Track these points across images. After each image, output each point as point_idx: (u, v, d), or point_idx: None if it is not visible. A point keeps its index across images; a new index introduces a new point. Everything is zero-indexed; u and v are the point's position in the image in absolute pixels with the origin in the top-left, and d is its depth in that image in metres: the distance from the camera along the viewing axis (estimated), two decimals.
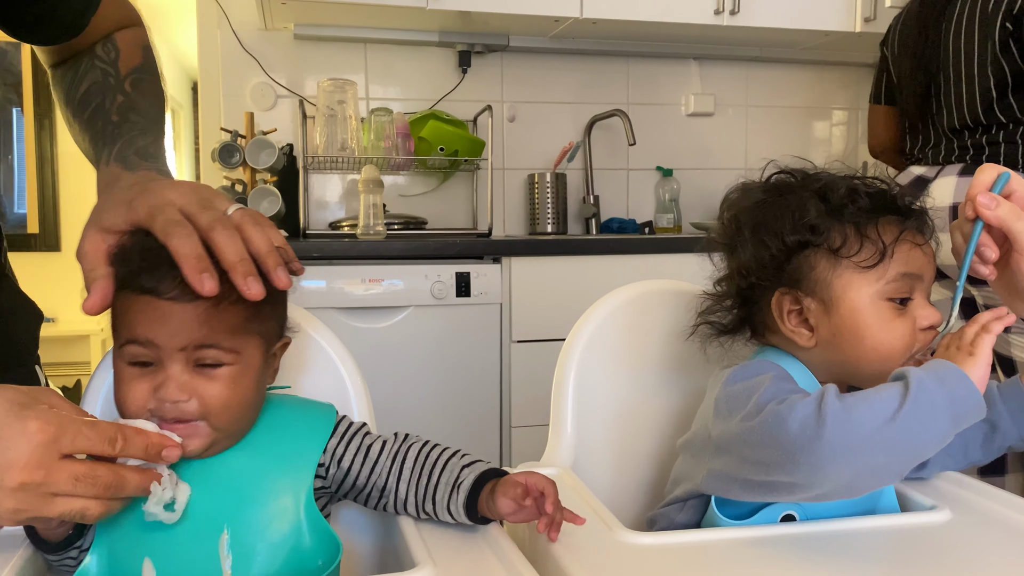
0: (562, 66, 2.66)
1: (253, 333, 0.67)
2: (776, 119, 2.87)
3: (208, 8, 2.41)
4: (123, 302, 0.64)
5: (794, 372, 0.76)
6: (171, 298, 0.62)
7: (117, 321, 0.65)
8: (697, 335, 0.86)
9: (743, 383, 0.73)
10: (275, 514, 0.67)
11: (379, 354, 1.92)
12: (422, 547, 0.66)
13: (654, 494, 0.95)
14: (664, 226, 2.68)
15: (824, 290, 0.75)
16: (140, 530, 0.64)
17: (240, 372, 0.66)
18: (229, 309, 0.64)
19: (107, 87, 0.83)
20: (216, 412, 0.64)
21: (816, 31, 2.47)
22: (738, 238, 0.80)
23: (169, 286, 0.62)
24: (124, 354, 0.64)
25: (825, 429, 0.61)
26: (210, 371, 0.64)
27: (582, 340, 0.95)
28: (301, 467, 0.70)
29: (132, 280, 0.64)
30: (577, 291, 1.98)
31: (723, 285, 0.84)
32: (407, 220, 2.36)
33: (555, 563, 0.65)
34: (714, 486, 0.75)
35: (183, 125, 5.29)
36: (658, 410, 0.97)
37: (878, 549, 0.67)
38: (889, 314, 0.74)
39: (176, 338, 0.62)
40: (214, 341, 0.64)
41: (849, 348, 0.75)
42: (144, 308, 0.63)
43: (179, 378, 0.63)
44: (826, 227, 0.75)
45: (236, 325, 0.65)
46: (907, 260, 0.74)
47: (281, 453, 0.70)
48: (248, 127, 2.25)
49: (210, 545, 0.65)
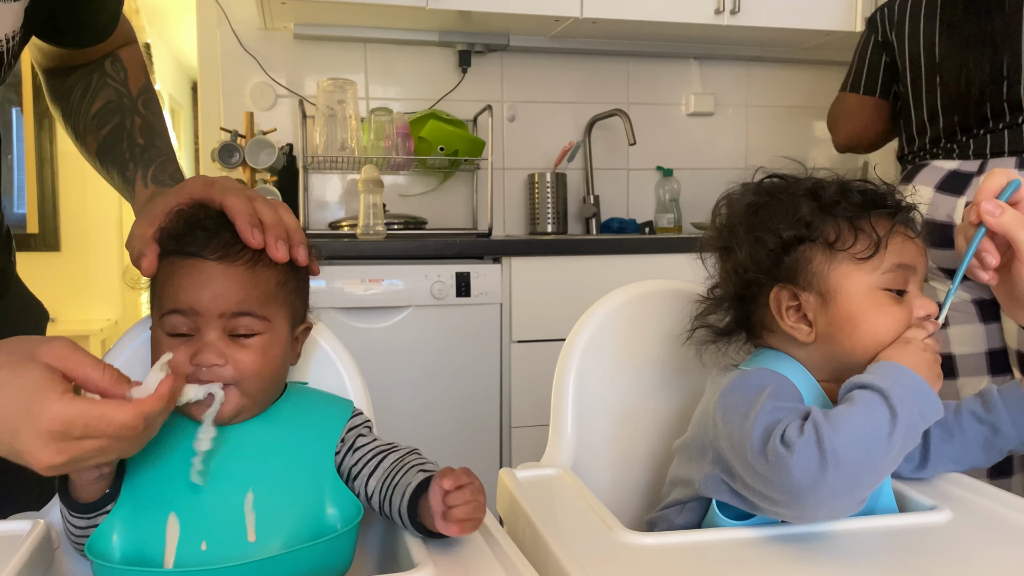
0: (562, 66, 2.66)
1: (282, 303, 0.73)
2: (776, 119, 2.87)
3: (208, 8, 2.41)
4: (168, 268, 0.71)
5: (792, 374, 0.77)
6: (215, 259, 0.69)
7: (160, 290, 0.71)
8: (693, 340, 0.87)
9: (741, 395, 0.73)
10: (298, 478, 0.71)
11: (379, 354, 1.92)
12: (422, 547, 0.66)
13: (654, 495, 0.95)
14: (664, 226, 2.68)
15: (821, 283, 0.76)
16: (167, 485, 0.68)
17: (270, 341, 0.72)
18: (264, 273, 0.71)
19: (123, 108, 0.88)
20: (248, 377, 0.70)
21: (816, 31, 2.47)
22: (733, 239, 0.81)
23: (213, 248, 0.69)
24: (164, 324, 0.70)
25: (827, 473, 0.63)
26: (243, 340, 0.70)
27: (582, 340, 0.95)
28: (323, 440, 0.74)
29: (177, 245, 0.70)
30: (577, 291, 1.98)
31: (718, 290, 0.85)
32: (407, 220, 2.36)
33: (555, 563, 0.64)
34: (711, 490, 0.75)
35: (183, 125, 5.29)
36: (658, 410, 0.97)
37: (878, 549, 0.67)
38: (886, 301, 0.75)
39: (217, 301, 0.68)
40: (249, 308, 0.70)
41: (847, 339, 0.75)
42: (189, 271, 0.69)
43: (216, 344, 0.69)
44: (820, 222, 0.76)
45: (268, 292, 0.72)
46: (901, 251, 0.76)
47: (304, 427, 0.75)
48: (248, 127, 2.25)
49: (235, 503, 0.69)
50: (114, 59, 0.90)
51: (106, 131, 0.86)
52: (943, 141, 1.59)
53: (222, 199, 0.72)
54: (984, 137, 1.52)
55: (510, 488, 0.79)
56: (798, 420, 0.67)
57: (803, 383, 0.77)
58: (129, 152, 0.84)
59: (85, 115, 0.88)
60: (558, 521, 0.73)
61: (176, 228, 0.72)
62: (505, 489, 0.81)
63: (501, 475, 0.84)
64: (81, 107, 0.88)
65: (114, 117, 0.87)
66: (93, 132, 0.87)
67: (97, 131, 0.87)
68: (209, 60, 2.44)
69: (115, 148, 0.85)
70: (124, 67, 0.90)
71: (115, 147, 0.85)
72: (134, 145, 0.85)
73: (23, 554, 0.65)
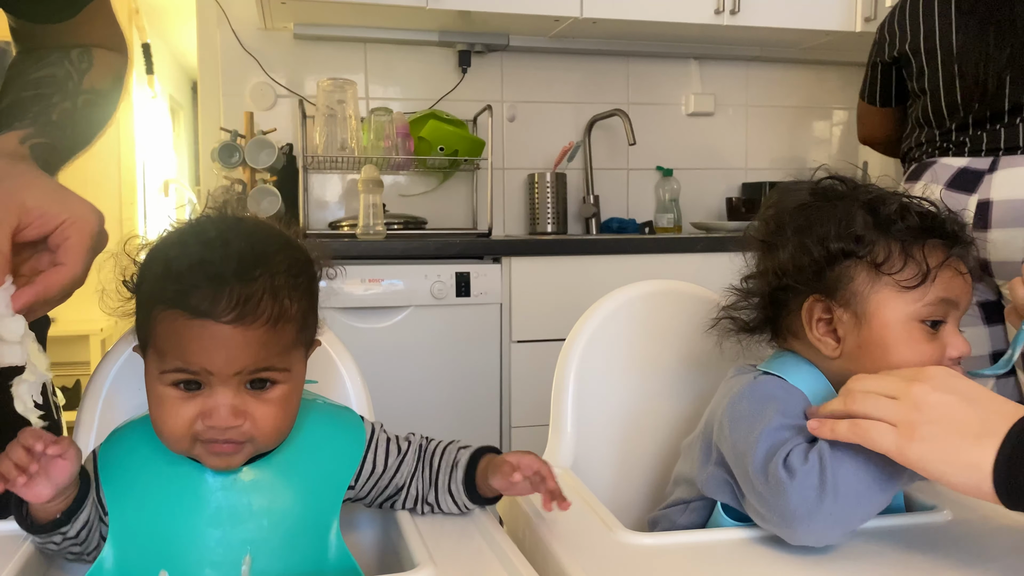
0: (562, 66, 2.66)
1: (300, 345, 0.66)
2: (776, 119, 2.87)
3: (208, 8, 2.41)
4: (172, 324, 0.60)
5: (809, 382, 0.75)
6: (228, 322, 0.59)
7: (164, 344, 0.61)
8: (716, 329, 0.84)
9: (749, 404, 0.73)
10: (300, 544, 0.66)
11: (379, 354, 1.92)
12: (422, 547, 0.66)
13: (654, 494, 0.95)
14: (664, 226, 2.68)
15: (859, 303, 0.73)
16: (159, 539, 0.63)
17: (290, 391, 0.65)
18: (284, 328, 0.62)
19: (65, 89, 0.80)
20: (266, 434, 0.63)
21: (816, 31, 2.47)
22: (779, 238, 0.78)
23: (225, 308, 0.59)
24: (167, 378, 0.61)
25: (824, 505, 0.63)
26: (262, 393, 0.63)
27: (582, 340, 0.95)
28: (331, 495, 0.69)
29: (183, 300, 0.59)
30: (577, 291, 1.98)
31: (752, 282, 0.82)
32: (407, 220, 2.36)
33: (555, 563, 0.65)
34: (715, 490, 0.75)
35: (183, 125, 5.28)
36: (658, 410, 0.97)
37: (879, 549, 0.67)
38: (920, 337, 0.72)
39: (233, 364, 0.60)
40: (269, 364, 0.62)
41: (872, 364, 0.72)
42: (200, 334, 0.59)
43: (231, 403, 0.61)
44: (872, 240, 0.73)
45: (288, 344, 0.64)
46: (948, 286, 0.72)
47: (311, 479, 0.68)
48: (248, 127, 2.25)
49: (231, 565, 0.64)
50: (85, 50, 0.85)
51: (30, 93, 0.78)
52: (955, 135, 1.56)
53: None
54: (998, 131, 1.49)
55: None
56: (804, 444, 0.67)
57: (816, 388, 0.75)
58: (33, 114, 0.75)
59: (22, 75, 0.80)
60: (558, 521, 0.72)
61: (177, 271, 0.61)
62: None
63: None
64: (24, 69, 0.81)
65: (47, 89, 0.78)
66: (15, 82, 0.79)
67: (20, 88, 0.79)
68: (209, 60, 2.44)
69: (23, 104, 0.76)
70: (91, 62, 0.84)
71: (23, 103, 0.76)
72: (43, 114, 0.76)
73: (23, 554, 0.65)
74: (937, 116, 1.60)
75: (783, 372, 0.76)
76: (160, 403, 0.62)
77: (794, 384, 0.75)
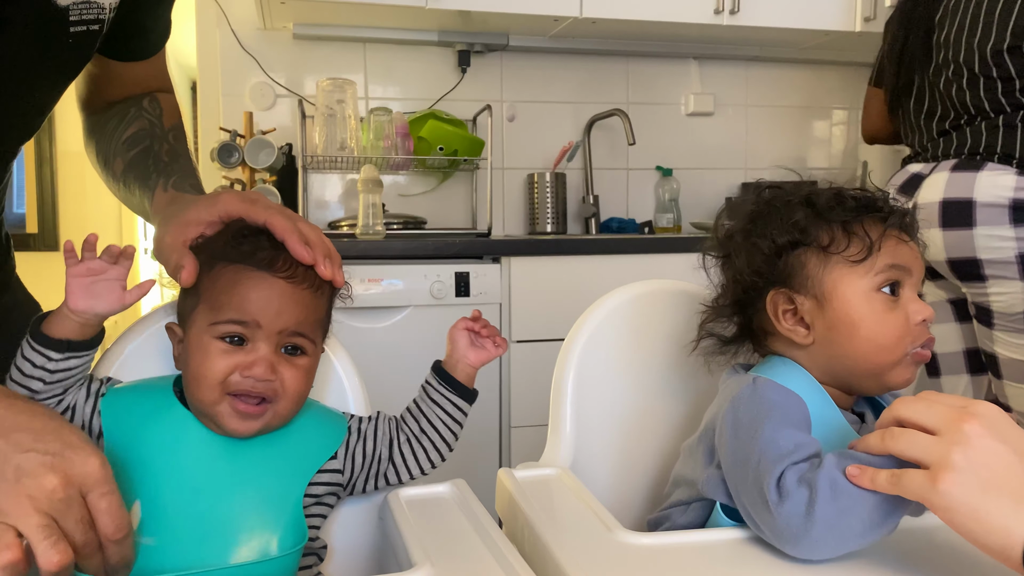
0: (562, 66, 2.66)
1: (322, 329, 0.75)
2: (776, 119, 2.87)
3: (207, 7, 2.41)
4: (233, 275, 0.70)
5: (799, 383, 0.76)
6: (283, 277, 0.70)
7: (217, 297, 0.69)
8: (700, 351, 0.87)
9: (748, 409, 0.73)
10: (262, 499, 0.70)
11: (379, 354, 1.92)
12: (421, 547, 0.66)
13: (653, 495, 0.95)
14: (664, 226, 2.68)
15: (816, 286, 0.77)
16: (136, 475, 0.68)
17: (312, 364, 0.73)
18: (320, 300, 0.73)
19: (155, 134, 0.91)
20: (289, 397, 0.71)
21: (816, 31, 2.47)
22: (732, 247, 0.83)
23: (281, 266, 0.70)
24: (218, 329, 0.69)
25: (811, 534, 0.62)
26: (293, 358, 0.71)
27: (581, 340, 0.95)
28: (303, 468, 0.74)
29: (250, 255, 0.70)
30: (577, 291, 1.98)
31: (722, 299, 0.86)
32: (406, 220, 2.36)
33: (554, 563, 0.64)
34: (713, 491, 0.75)
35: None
36: (657, 410, 0.97)
37: (878, 549, 0.67)
38: (881, 306, 0.76)
39: (281, 318, 0.69)
40: (305, 330, 0.71)
41: (846, 342, 0.76)
42: (258, 284, 0.69)
43: (270, 359, 0.69)
44: (814, 227, 0.78)
45: (320, 319, 0.74)
46: (894, 252, 0.77)
47: (289, 449, 0.74)
48: (247, 127, 2.25)
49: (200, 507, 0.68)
50: (151, 98, 0.95)
51: (134, 152, 0.90)
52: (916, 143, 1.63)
53: (267, 218, 0.73)
54: (950, 136, 1.54)
55: (509, 488, 0.79)
56: (801, 465, 0.66)
57: (809, 390, 0.76)
58: (154, 166, 0.87)
59: (117, 140, 0.91)
60: (557, 521, 0.72)
61: (242, 234, 0.72)
62: (504, 489, 0.81)
63: (500, 475, 0.83)
64: (115, 134, 0.92)
65: (144, 141, 0.90)
66: (122, 154, 0.90)
67: (125, 153, 0.90)
68: (208, 60, 2.44)
69: (140, 165, 0.88)
70: (160, 106, 0.95)
71: (140, 164, 0.88)
72: (159, 161, 0.88)
73: None
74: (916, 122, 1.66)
75: (775, 377, 0.77)
76: (205, 352, 0.69)
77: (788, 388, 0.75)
